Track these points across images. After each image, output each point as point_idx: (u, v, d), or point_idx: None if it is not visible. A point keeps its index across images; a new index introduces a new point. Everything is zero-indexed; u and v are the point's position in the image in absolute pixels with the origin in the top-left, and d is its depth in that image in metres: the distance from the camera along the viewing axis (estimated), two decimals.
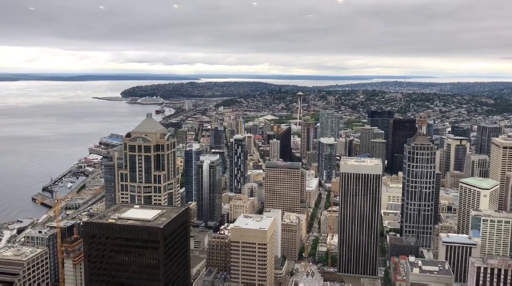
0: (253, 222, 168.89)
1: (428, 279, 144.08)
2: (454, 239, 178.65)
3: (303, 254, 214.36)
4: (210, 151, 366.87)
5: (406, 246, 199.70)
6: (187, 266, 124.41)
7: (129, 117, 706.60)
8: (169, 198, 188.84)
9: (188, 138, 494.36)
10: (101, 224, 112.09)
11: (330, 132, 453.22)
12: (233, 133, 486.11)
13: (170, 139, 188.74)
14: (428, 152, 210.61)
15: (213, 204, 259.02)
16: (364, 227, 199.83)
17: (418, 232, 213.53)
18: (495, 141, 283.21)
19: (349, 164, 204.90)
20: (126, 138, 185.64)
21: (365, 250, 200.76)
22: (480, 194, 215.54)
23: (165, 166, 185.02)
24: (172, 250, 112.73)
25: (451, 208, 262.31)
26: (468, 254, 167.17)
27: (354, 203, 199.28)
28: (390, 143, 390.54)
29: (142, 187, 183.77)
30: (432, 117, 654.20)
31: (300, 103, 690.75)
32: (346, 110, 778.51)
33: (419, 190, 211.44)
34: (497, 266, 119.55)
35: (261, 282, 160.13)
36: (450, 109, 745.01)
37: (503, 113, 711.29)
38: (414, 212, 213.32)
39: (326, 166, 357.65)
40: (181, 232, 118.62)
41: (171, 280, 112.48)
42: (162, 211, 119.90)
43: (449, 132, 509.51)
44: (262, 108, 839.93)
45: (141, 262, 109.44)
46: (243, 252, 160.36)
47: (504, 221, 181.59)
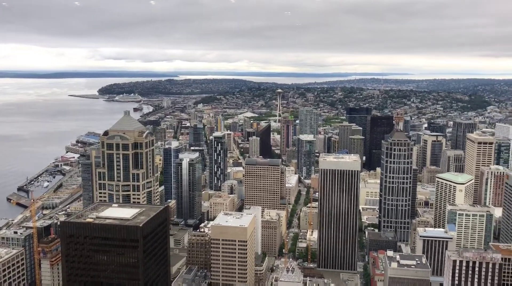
0: (233, 219, 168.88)
1: (406, 273, 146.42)
2: (431, 233, 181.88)
3: (283, 250, 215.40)
4: (189, 149, 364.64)
5: (384, 241, 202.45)
6: (167, 265, 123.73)
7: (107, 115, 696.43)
8: (148, 197, 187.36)
9: (167, 136, 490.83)
10: (79, 223, 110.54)
11: (309, 129, 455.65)
12: (212, 130, 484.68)
13: (148, 137, 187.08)
14: (405, 148, 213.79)
15: (193, 202, 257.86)
16: (343, 222, 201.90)
17: (396, 227, 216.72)
18: (470, 137, 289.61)
19: (328, 161, 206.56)
20: (104, 136, 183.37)
21: (344, 246, 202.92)
22: (456, 189, 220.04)
23: (143, 164, 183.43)
24: (151, 249, 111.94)
25: (428, 203, 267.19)
26: (444, 247, 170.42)
27: (333, 199, 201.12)
28: (368, 139, 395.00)
29: (121, 186, 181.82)
30: (409, 113, 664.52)
31: (279, 100, 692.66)
32: (325, 107, 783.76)
33: (396, 186, 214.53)
34: (472, 259, 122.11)
35: (242, 279, 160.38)
36: (427, 106, 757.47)
37: (477, 109, 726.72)
38: (391, 207, 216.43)
39: (306, 162, 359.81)
40: (160, 230, 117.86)
41: (150, 279, 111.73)
42: (141, 209, 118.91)
43: (426, 128, 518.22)
44: (241, 105, 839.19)
45: (120, 261, 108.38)
46: (224, 249, 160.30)
47: (478, 215, 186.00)
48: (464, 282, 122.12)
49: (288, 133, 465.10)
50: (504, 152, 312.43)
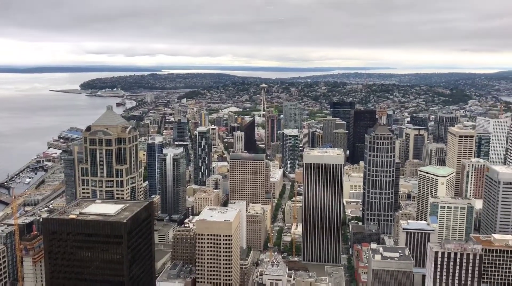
0: (218, 214, 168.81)
1: (389, 265, 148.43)
2: (413, 225, 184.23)
3: (268, 244, 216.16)
4: (173, 144, 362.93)
5: (368, 234, 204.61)
6: (151, 260, 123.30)
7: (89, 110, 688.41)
8: (132, 192, 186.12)
9: (151, 131, 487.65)
10: (62, 220, 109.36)
11: (294, 124, 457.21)
12: (196, 125, 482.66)
13: (131, 132, 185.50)
14: (388, 141, 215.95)
15: (177, 197, 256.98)
16: (327, 216, 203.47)
17: (379, 220, 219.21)
18: (452, 130, 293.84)
19: (312, 155, 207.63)
20: (86, 131, 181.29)
21: (328, 239, 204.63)
22: (438, 182, 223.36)
23: (127, 159, 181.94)
24: (136, 245, 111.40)
25: (410, 195, 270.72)
26: (427, 239, 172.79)
27: (317, 193, 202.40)
28: (351, 133, 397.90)
29: (104, 182, 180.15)
30: (391, 107, 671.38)
31: (263, 95, 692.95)
32: (309, 101, 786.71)
33: (379, 179, 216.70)
34: (454, 250, 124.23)
35: (227, 274, 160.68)
36: (409, 100, 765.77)
37: (458, 103, 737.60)
38: (375, 200, 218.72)
39: (290, 157, 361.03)
40: (145, 226, 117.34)
41: (135, 275, 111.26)
42: (125, 205, 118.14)
43: (408, 122, 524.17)
44: (225, 100, 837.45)
45: (104, 258, 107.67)
46: (208, 244, 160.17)
47: (460, 207, 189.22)
48: (446, 273, 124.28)
49: (273, 127, 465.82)
50: (485, 145, 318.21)
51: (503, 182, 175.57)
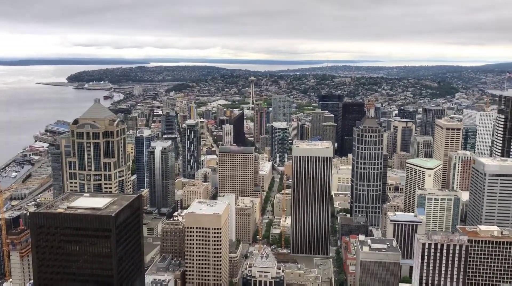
0: (207, 207, 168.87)
1: (377, 257, 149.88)
2: (401, 217, 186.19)
3: (257, 237, 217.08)
4: (161, 137, 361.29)
5: (356, 226, 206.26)
6: (140, 254, 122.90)
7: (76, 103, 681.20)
8: (120, 186, 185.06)
9: (139, 124, 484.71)
10: (49, 214, 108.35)
11: (283, 117, 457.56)
12: (185, 118, 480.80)
13: (119, 125, 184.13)
14: (376, 134, 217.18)
15: (166, 191, 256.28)
16: (316, 208, 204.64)
17: (367, 212, 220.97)
18: (439, 123, 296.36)
19: (301, 148, 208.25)
20: (74, 124, 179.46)
21: (317, 231, 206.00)
22: (425, 174, 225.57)
23: (115, 153, 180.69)
24: (124, 238, 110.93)
25: (398, 188, 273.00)
26: (414, 231, 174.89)
27: (306, 185, 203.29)
28: (340, 126, 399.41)
29: (92, 175, 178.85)
30: (379, 100, 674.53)
31: (252, 88, 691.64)
32: (298, 94, 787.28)
33: (367, 171, 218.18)
34: (440, 241, 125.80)
35: (216, 266, 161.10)
36: (397, 93, 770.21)
37: (446, 96, 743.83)
38: (363, 192, 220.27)
39: (279, 150, 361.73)
40: (133, 219, 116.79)
41: (124, 268, 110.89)
42: (113, 199, 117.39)
43: (396, 114, 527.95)
44: (214, 92, 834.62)
45: (93, 252, 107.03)
46: (198, 237, 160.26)
47: (447, 199, 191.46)
48: (432, 264, 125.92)
49: (262, 120, 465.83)
50: (471, 137, 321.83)
51: (489, 174, 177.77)
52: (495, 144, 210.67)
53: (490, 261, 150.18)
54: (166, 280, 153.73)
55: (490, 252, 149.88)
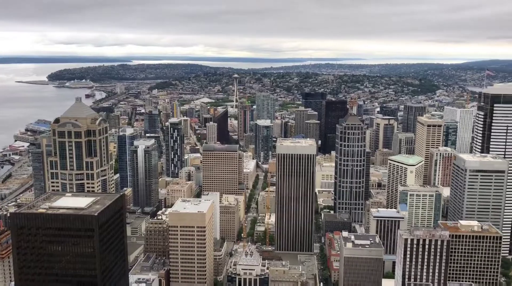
0: (191, 206, 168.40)
1: (360, 253, 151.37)
2: (383, 213, 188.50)
3: (242, 234, 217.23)
4: (144, 136, 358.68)
5: (339, 222, 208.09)
6: (124, 253, 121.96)
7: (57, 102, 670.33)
8: (103, 185, 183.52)
9: (121, 123, 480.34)
10: (30, 214, 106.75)
11: (266, 114, 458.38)
12: (168, 116, 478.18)
13: (101, 124, 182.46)
14: (358, 131, 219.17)
15: (150, 190, 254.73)
16: (300, 205, 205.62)
17: (351, 208, 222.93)
18: (420, 120, 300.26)
19: (284, 145, 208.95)
20: (55, 123, 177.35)
21: (301, 228, 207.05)
22: (407, 170, 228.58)
23: (97, 152, 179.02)
24: (108, 238, 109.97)
25: (380, 184, 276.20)
26: (396, 227, 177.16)
27: (290, 182, 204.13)
28: (323, 123, 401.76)
29: (74, 175, 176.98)
30: (362, 98, 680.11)
31: (236, 86, 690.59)
32: (281, 92, 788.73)
33: (350, 168, 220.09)
34: (422, 237, 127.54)
35: (201, 265, 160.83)
36: (379, 90, 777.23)
37: (427, 93, 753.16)
38: (346, 189, 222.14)
39: (263, 147, 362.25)
40: (116, 219, 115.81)
41: (107, 268, 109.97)
42: (96, 198, 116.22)
43: (378, 112, 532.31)
44: (197, 90, 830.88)
45: (76, 252, 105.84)
46: (182, 236, 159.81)
47: (428, 195, 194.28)
48: (415, 259, 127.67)
49: (245, 118, 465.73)
50: (452, 134, 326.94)
51: (469, 170, 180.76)
52: (475, 140, 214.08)
53: (471, 255, 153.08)
54: (151, 279, 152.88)
55: (470, 246, 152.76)
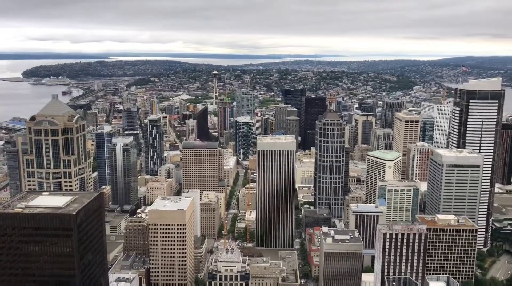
0: (171, 203, 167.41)
1: (340, 248, 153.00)
2: (362, 208, 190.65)
3: (223, 231, 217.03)
4: (123, 133, 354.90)
5: (319, 218, 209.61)
6: (103, 252, 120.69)
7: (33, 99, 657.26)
8: (81, 183, 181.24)
9: (99, 120, 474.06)
10: (6, 214, 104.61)
11: (246, 111, 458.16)
12: (147, 113, 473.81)
13: (79, 121, 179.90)
14: (337, 127, 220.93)
15: (129, 188, 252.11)
16: (280, 201, 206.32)
17: (330, 204, 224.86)
18: (398, 116, 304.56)
19: (265, 142, 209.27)
20: (31, 121, 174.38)
21: (282, 224, 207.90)
22: (385, 166, 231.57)
23: (75, 150, 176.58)
24: (86, 237, 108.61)
25: (359, 179, 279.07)
26: (375, 221, 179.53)
27: (270, 179, 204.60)
28: (303, 120, 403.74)
29: (51, 173, 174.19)
30: (341, 94, 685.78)
31: (215, 82, 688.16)
32: (261, 89, 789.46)
33: (330, 164, 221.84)
34: (401, 231, 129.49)
35: (181, 262, 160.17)
36: (357, 87, 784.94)
37: (404, 89, 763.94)
38: (326, 185, 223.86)
39: (243, 144, 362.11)
40: (95, 217, 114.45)
41: (86, 267, 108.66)
42: (74, 197, 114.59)
43: (357, 108, 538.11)
44: (177, 87, 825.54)
45: (54, 252, 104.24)
46: (162, 234, 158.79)
47: (406, 190, 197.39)
48: (393, 253, 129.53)
49: (225, 115, 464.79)
50: (429, 129, 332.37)
51: (446, 165, 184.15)
52: (451, 135, 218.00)
53: (448, 248, 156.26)
54: (130, 278, 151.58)
55: (447, 240, 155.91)
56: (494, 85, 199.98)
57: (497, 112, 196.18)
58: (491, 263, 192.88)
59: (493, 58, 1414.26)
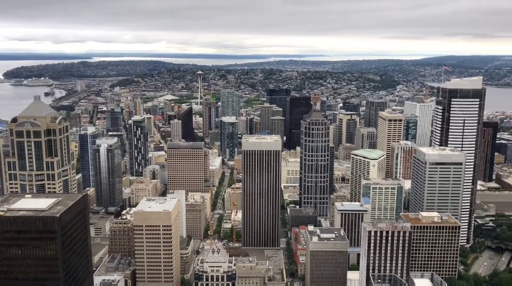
0: (157, 204, 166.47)
1: (326, 246, 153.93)
2: (347, 207, 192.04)
3: (209, 232, 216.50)
4: (107, 134, 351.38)
5: (305, 217, 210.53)
6: (88, 255, 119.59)
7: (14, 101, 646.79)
8: (64, 185, 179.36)
9: (83, 121, 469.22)
10: None
11: (231, 111, 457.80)
12: (131, 114, 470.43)
13: (62, 122, 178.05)
14: (322, 127, 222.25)
15: (113, 189, 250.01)
16: (266, 201, 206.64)
17: (316, 203, 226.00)
18: (381, 115, 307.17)
19: (250, 142, 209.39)
20: (12, 123, 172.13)
21: (268, 223, 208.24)
22: (370, 164, 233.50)
23: (58, 151, 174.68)
24: (70, 240, 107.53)
25: (344, 178, 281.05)
26: (360, 220, 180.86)
27: (256, 179, 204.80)
28: (288, 120, 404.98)
29: (34, 175, 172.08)
30: (325, 94, 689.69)
31: (200, 82, 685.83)
32: (246, 89, 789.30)
33: (315, 163, 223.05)
34: (385, 229, 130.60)
35: (167, 264, 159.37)
36: (341, 86, 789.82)
37: (387, 88, 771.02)
38: (311, 184, 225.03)
39: (229, 144, 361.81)
40: (79, 220, 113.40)
41: (71, 270, 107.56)
42: (58, 199, 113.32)
43: (341, 107, 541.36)
44: (161, 87, 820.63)
45: (37, 255, 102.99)
46: (147, 235, 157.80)
47: (390, 188, 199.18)
48: (378, 251, 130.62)
49: (210, 115, 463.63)
50: (412, 128, 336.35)
51: (429, 163, 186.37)
52: (434, 134, 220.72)
53: (432, 245, 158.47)
54: (116, 280, 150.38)
55: (431, 236, 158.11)
56: (475, 84, 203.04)
57: (479, 111, 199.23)
58: (474, 259, 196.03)
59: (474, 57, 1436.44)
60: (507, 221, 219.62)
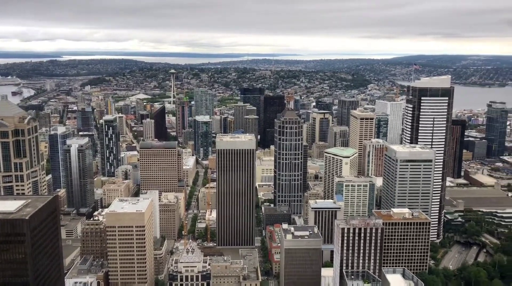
0: (129, 205, 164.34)
1: (300, 244, 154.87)
2: (321, 204, 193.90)
3: (183, 232, 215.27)
4: (77, 134, 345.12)
5: (279, 215, 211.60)
6: (59, 257, 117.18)
7: None
8: (34, 187, 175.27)
9: (52, 121, 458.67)
10: None
11: (205, 110, 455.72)
12: (102, 114, 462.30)
13: (31, 122, 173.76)
14: (296, 125, 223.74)
15: (84, 190, 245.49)
16: (240, 200, 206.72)
17: (290, 201, 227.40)
18: (353, 113, 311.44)
19: (224, 141, 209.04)
20: None
21: (242, 222, 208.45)
22: (342, 162, 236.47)
23: (26, 152, 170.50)
24: (40, 242, 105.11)
25: (317, 176, 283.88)
26: (333, 217, 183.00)
27: (230, 178, 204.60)
28: (262, 118, 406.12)
29: (1, 177, 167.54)
30: (298, 93, 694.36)
31: (173, 81, 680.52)
32: (220, 87, 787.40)
33: (289, 162, 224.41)
34: (358, 225, 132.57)
35: (141, 265, 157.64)
36: (314, 85, 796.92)
37: (359, 87, 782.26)
38: (285, 182, 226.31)
39: (203, 143, 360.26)
40: (49, 222, 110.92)
41: (41, 274, 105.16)
42: (27, 201, 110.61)
43: (314, 106, 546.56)
44: (133, 86, 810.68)
45: (5, 258, 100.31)
46: (120, 236, 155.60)
47: (362, 185, 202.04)
48: (352, 248, 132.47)
49: (184, 114, 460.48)
50: (383, 126, 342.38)
51: (400, 160, 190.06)
52: (404, 132, 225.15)
53: (403, 241, 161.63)
54: (88, 282, 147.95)
55: (403, 232, 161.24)
56: (444, 83, 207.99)
57: (447, 109, 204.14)
58: (444, 254, 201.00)
59: (443, 56, 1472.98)
60: (475, 216, 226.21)
